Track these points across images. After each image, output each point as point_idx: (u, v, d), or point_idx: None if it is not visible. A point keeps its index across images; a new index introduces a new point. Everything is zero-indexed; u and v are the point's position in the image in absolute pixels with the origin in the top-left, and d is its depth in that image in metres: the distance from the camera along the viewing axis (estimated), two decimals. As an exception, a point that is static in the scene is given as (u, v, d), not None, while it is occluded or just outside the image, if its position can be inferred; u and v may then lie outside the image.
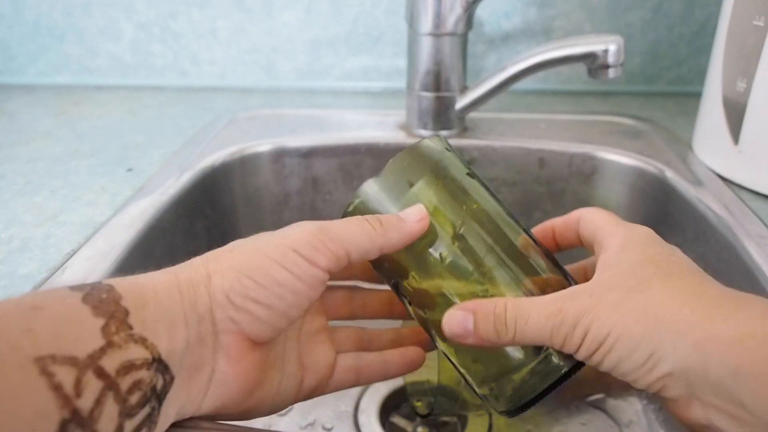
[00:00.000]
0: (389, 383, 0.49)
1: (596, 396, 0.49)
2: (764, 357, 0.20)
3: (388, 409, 0.49)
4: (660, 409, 0.47)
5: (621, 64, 0.46)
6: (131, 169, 0.49)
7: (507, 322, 0.25)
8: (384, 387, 0.49)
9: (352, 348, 0.31)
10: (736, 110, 0.43)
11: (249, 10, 0.67)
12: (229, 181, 0.53)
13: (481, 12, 0.65)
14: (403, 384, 0.48)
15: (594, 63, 0.46)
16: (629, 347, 0.22)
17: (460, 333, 0.25)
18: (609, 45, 0.46)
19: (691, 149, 0.52)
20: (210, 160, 0.51)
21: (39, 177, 0.48)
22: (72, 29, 0.70)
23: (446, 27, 0.50)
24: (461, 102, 0.53)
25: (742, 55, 0.42)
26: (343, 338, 0.31)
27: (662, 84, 0.68)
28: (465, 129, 0.56)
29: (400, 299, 0.30)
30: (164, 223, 0.43)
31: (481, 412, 0.47)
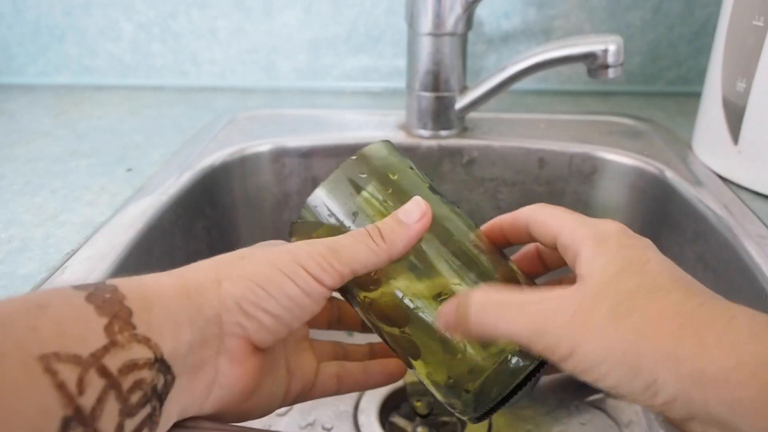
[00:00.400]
0: (389, 383, 0.49)
1: (596, 396, 0.49)
2: (758, 389, 0.19)
3: (388, 409, 0.49)
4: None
5: (621, 64, 0.46)
6: (131, 169, 0.49)
7: (483, 316, 0.24)
8: (384, 387, 0.49)
9: (331, 359, 0.32)
10: (736, 110, 0.44)
11: (249, 10, 0.67)
12: (229, 181, 0.53)
13: (481, 12, 0.65)
14: (403, 384, 0.48)
15: (594, 63, 0.46)
16: (627, 377, 0.21)
17: (453, 324, 0.25)
18: (609, 45, 0.46)
19: (691, 149, 0.52)
20: (210, 160, 0.51)
21: (39, 177, 0.48)
22: (72, 29, 0.70)
23: (446, 27, 0.50)
24: (461, 102, 0.53)
25: (742, 55, 0.42)
26: (322, 349, 0.32)
27: (662, 84, 0.68)
28: (465, 129, 0.56)
29: (353, 306, 0.30)
30: (164, 223, 0.43)
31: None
